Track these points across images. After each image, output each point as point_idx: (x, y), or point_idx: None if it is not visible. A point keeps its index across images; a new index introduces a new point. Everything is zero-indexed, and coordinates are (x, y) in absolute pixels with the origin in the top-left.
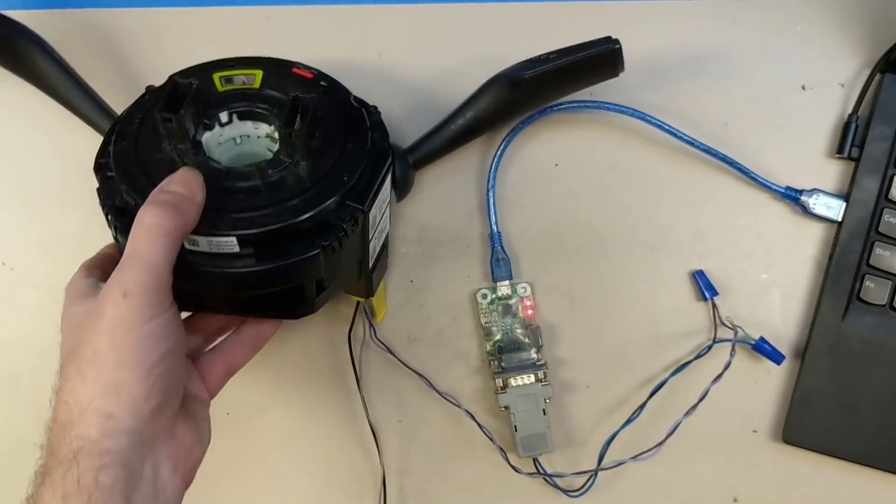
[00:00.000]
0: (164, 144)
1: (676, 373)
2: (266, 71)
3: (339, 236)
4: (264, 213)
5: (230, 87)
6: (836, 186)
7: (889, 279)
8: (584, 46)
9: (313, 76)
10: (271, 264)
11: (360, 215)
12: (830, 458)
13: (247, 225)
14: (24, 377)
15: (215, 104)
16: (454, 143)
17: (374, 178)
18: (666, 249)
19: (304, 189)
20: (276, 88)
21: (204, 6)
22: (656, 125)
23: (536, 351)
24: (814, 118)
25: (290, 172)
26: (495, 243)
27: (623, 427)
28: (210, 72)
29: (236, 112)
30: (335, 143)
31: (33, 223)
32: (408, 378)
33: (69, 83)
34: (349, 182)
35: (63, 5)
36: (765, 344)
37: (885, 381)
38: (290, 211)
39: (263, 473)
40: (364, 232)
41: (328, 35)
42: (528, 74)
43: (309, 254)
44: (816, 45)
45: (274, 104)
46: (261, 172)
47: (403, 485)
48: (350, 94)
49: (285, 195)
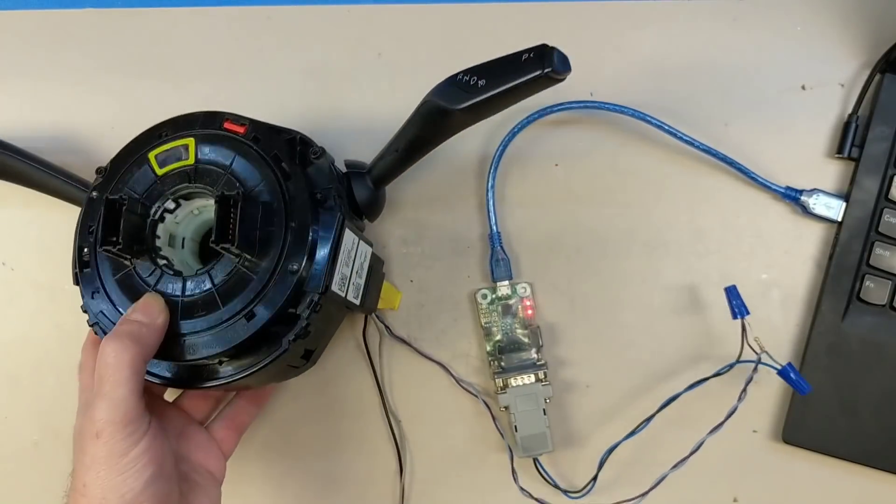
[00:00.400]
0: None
1: (691, 388)
2: (197, 139)
3: (306, 326)
4: (225, 330)
5: (167, 168)
6: (836, 186)
7: (889, 279)
8: (517, 65)
9: (245, 129)
10: (249, 371)
11: (321, 299)
12: (830, 458)
13: (213, 345)
14: (24, 377)
15: (157, 195)
16: (407, 160)
17: (329, 251)
18: (666, 249)
19: (257, 294)
20: (209, 161)
21: (204, 6)
22: (656, 125)
23: (536, 351)
24: (814, 118)
25: (239, 276)
26: (495, 243)
27: (626, 438)
28: (144, 149)
29: (180, 196)
30: (276, 228)
31: (33, 223)
32: (423, 369)
33: (37, 170)
34: (298, 271)
35: (68, 5)
36: (791, 372)
37: (885, 381)
38: (251, 323)
39: (270, 474)
40: (334, 296)
41: (328, 35)
42: (457, 108)
43: (279, 352)
44: (816, 45)
45: (211, 177)
46: (216, 289)
47: (414, 480)
48: (290, 138)
49: (241, 309)
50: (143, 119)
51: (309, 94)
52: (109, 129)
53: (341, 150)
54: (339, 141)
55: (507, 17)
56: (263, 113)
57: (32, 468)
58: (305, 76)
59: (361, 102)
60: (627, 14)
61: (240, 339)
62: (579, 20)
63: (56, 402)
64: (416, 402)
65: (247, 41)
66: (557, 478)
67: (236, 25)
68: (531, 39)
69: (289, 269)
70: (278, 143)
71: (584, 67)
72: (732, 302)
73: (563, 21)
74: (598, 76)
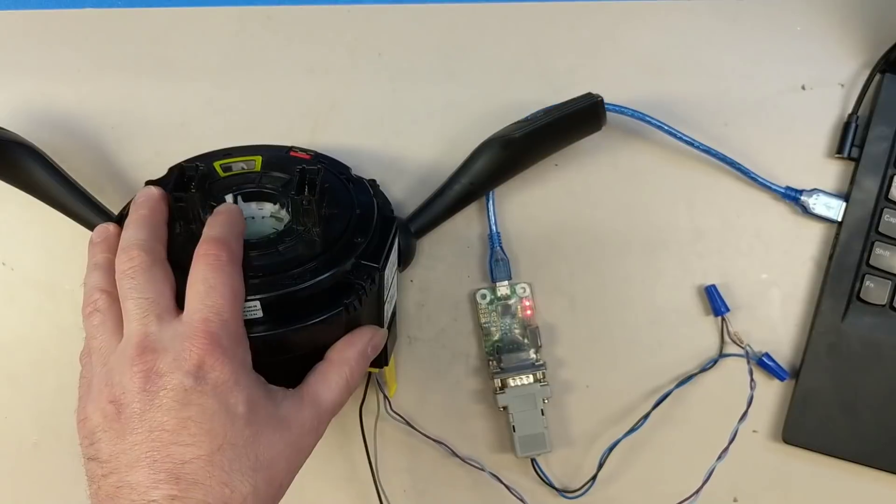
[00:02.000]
0: (175, 225)
1: (681, 385)
2: (265, 156)
3: (360, 294)
4: (283, 276)
5: (231, 173)
6: (836, 186)
7: (889, 279)
8: (569, 103)
9: (311, 157)
10: (295, 324)
11: (376, 274)
12: (830, 458)
13: (268, 288)
14: (24, 377)
15: (220, 188)
16: (452, 209)
17: (384, 240)
18: (666, 249)
19: (319, 253)
20: (276, 169)
21: (204, 6)
22: (656, 125)
23: (535, 351)
24: (814, 118)
25: (303, 240)
26: (494, 244)
27: (625, 437)
28: (210, 160)
29: (241, 193)
30: (344, 211)
31: (33, 223)
32: (427, 447)
33: (64, 189)
34: (362, 243)
35: (69, 5)
36: (769, 361)
37: (885, 381)
38: (310, 273)
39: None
40: (380, 292)
41: (328, 35)
42: (518, 134)
43: (331, 312)
44: (816, 45)
45: (277, 183)
46: (276, 242)
47: None
48: (349, 169)
49: (302, 260)
50: (142, 119)
51: (309, 94)
52: (109, 130)
53: (341, 149)
54: (339, 141)
55: (507, 17)
56: (263, 113)
57: (32, 468)
58: (305, 76)
59: (361, 102)
60: (627, 14)
61: (294, 286)
62: (579, 20)
63: (56, 402)
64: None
65: (247, 41)
66: (555, 479)
67: (236, 25)
68: (531, 39)
69: (353, 239)
70: (342, 166)
71: (584, 67)
72: (712, 299)
73: (563, 21)
74: (598, 76)
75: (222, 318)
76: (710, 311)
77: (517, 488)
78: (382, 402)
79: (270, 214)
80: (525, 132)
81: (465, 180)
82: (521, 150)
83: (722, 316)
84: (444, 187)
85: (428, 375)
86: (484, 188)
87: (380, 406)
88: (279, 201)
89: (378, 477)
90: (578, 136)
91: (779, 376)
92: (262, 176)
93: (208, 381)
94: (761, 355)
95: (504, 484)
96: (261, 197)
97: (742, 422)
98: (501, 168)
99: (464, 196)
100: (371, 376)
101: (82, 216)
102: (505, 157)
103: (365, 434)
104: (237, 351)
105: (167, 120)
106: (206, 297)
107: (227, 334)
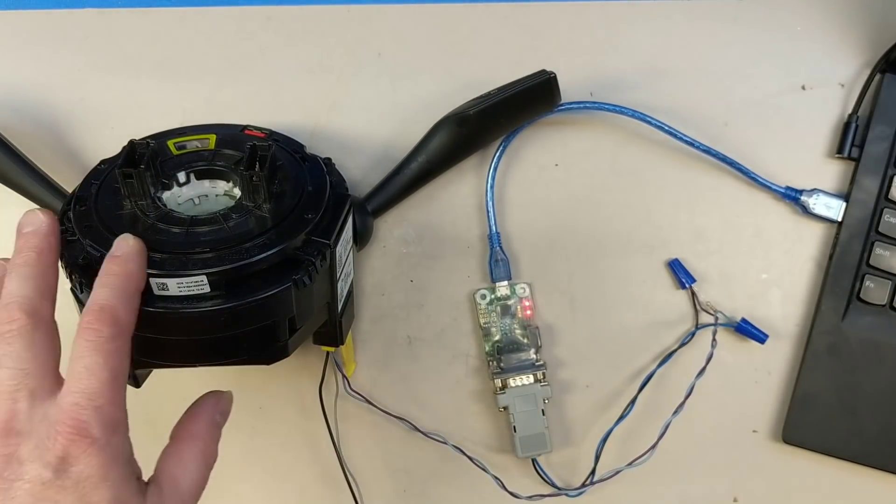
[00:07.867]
0: (124, 202)
1: (663, 363)
2: (219, 134)
3: (309, 270)
4: (232, 251)
5: (184, 151)
6: (836, 186)
7: (889, 279)
8: (523, 80)
9: (265, 135)
10: (244, 300)
11: (327, 250)
12: (830, 458)
13: (216, 263)
14: None
15: (172, 166)
16: (410, 188)
17: (336, 217)
18: (666, 249)
19: (269, 228)
20: (230, 147)
21: (204, 6)
22: (656, 125)
23: (535, 351)
24: (814, 118)
25: (253, 215)
26: (494, 244)
27: (617, 424)
28: (164, 139)
29: (194, 171)
30: (295, 187)
31: None
32: (390, 424)
33: (18, 167)
34: (313, 219)
35: (68, 5)
36: (747, 325)
37: (885, 381)
38: (258, 248)
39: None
40: (332, 269)
41: (328, 35)
42: (472, 111)
43: (280, 287)
44: (816, 45)
45: (230, 161)
46: (224, 217)
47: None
48: (304, 147)
49: (251, 235)
50: (142, 119)
51: (309, 94)
52: (109, 130)
53: (341, 149)
54: (339, 141)
55: (507, 17)
56: (263, 112)
57: None
58: (305, 76)
59: (361, 102)
60: (627, 14)
61: (243, 261)
62: (579, 20)
63: None
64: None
65: (247, 41)
66: (556, 478)
67: (236, 25)
68: (531, 39)
69: (304, 215)
70: (296, 144)
71: (583, 67)
72: (677, 272)
73: (563, 21)
74: (597, 76)
75: (95, 405)
76: (711, 311)
77: (499, 474)
78: (341, 381)
79: (224, 192)
80: (479, 109)
81: (421, 158)
82: (476, 127)
83: (689, 287)
84: (400, 166)
85: (428, 375)
86: (441, 167)
87: (338, 385)
88: (231, 179)
89: (342, 456)
90: (533, 114)
91: (759, 339)
92: (215, 154)
93: (70, 475)
94: (739, 321)
95: (468, 456)
96: (213, 174)
97: (699, 377)
98: (457, 145)
99: (421, 174)
100: (329, 356)
101: (39, 197)
102: (460, 134)
103: (326, 414)
104: (111, 440)
105: (167, 120)
106: (80, 380)
107: (100, 422)
